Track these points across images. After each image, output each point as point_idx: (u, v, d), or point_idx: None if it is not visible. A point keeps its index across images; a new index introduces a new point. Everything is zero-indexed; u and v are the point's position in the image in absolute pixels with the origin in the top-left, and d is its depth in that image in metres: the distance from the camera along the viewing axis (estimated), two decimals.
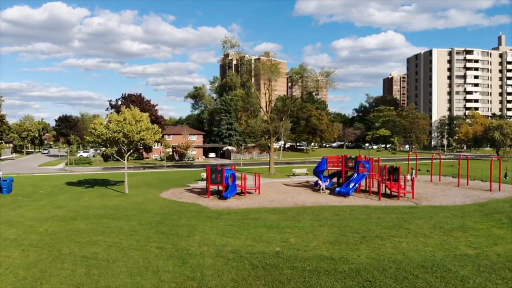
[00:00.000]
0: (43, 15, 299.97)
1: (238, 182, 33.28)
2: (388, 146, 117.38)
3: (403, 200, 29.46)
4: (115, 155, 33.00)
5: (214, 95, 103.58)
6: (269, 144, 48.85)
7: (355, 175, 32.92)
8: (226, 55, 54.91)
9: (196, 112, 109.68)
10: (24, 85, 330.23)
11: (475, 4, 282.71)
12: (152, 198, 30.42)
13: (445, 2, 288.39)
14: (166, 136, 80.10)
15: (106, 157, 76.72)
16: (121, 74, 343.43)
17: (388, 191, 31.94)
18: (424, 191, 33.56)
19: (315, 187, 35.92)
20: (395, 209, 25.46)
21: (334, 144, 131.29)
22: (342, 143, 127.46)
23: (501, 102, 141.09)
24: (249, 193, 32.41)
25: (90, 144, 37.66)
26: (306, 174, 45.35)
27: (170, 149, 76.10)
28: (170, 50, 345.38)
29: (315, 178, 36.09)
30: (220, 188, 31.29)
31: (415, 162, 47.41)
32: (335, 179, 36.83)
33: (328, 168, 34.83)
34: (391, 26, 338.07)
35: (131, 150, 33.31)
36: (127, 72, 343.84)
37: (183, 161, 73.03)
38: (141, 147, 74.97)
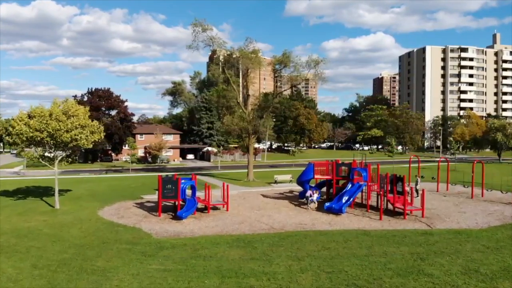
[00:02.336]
0: (32, 13, 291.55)
1: (201, 194, 26.38)
2: (379, 147, 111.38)
3: (411, 220, 22.87)
4: (41, 160, 25.65)
5: (195, 92, 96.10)
6: (247, 146, 41.96)
7: (349, 186, 26.24)
8: (214, 52, 47.95)
9: (176, 110, 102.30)
10: (12, 83, 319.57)
11: (463, 6, 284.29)
12: (85, 217, 23.26)
13: (434, 4, 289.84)
14: (138, 136, 72.78)
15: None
16: (110, 73, 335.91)
17: (389, 205, 25.37)
18: (434, 206, 27.06)
19: (300, 199, 29.19)
20: (405, 237, 18.75)
21: (323, 145, 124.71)
22: (331, 144, 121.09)
23: (496, 102, 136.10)
24: (215, 209, 25.47)
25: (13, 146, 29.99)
26: (290, 181, 38.57)
27: (143, 150, 68.87)
28: (160, 49, 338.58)
29: (299, 187, 29.39)
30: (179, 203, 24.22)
31: (416, 166, 40.87)
32: (324, 189, 30.09)
33: (316, 177, 27.98)
34: (380, 27, 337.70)
35: (65, 154, 25.95)
36: (116, 71, 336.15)
37: (156, 164, 65.71)
38: (109, 148, 67.65)
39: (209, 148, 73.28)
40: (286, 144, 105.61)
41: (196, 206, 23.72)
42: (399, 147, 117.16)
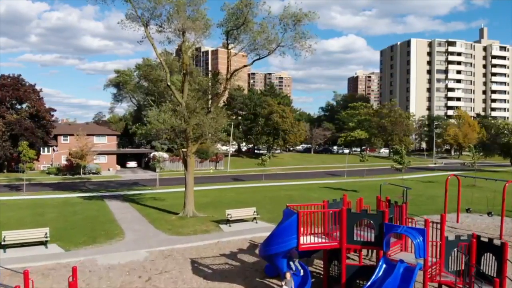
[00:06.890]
0: (1, 9, 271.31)
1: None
2: (362, 149, 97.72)
3: None
4: None
5: (146, 83, 79.10)
6: (184, 159, 26.36)
7: (382, 268, 11.12)
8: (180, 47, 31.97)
9: (121, 105, 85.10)
10: None
11: (432, 11, 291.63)
12: None
13: (404, 8, 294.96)
14: (62, 138, 55.64)
15: None
16: (80, 71, 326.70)
17: None
18: None
19: (268, 278, 14.17)
20: None
21: (299, 147, 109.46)
22: (309, 146, 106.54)
23: (484, 101, 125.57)
24: None
25: None
26: (254, 218, 23.28)
27: (67, 156, 51.97)
28: (132, 47, 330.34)
29: (268, 232, 14.09)
30: None
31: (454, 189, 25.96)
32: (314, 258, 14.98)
33: (302, 245, 12.43)
34: (352, 29, 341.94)
35: None
36: (86, 68, 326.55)
37: (77, 176, 48.73)
38: (16, 154, 50.37)
39: (156, 154, 57.06)
40: (256, 147, 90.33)
41: None
42: (382, 150, 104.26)
